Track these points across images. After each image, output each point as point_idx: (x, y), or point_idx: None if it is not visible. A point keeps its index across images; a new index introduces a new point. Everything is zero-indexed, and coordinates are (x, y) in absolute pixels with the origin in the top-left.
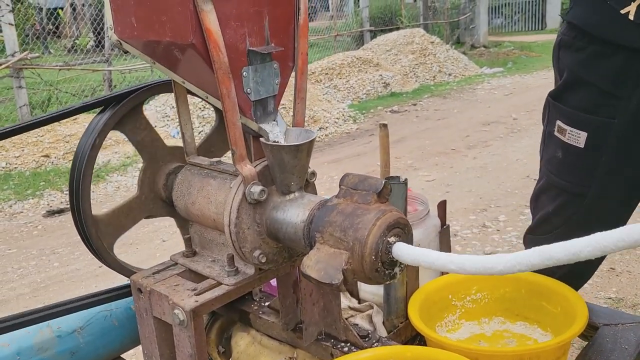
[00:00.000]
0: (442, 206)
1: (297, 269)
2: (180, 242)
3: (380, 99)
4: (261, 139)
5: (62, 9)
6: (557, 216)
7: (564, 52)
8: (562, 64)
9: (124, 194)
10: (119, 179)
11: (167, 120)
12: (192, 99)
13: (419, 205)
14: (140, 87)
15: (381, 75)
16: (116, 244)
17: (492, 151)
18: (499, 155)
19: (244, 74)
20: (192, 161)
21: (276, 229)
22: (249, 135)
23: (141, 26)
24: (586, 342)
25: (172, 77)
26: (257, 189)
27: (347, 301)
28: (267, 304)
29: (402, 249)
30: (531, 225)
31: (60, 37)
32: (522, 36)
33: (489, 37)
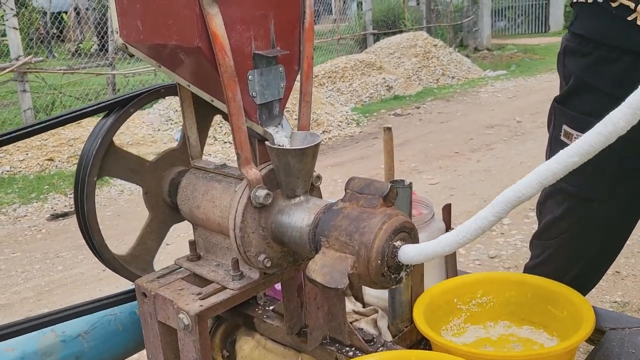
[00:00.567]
0: (447, 209)
1: (302, 273)
2: (184, 246)
3: (383, 102)
4: (266, 142)
5: (66, 13)
6: (563, 221)
7: (569, 58)
8: (567, 70)
9: (127, 198)
10: (122, 183)
11: (171, 123)
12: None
13: (423, 208)
14: (144, 90)
15: (384, 78)
16: (120, 248)
17: (496, 154)
18: (503, 158)
19: (250, 77)
20: (197, 165)
21: (281, 233)
22: (254, 138)
23: (147, 30)
24: (592, 347)
25: (177, 81)
26: (262, 193)
27: (351, 305)
28: (272, 308)
29: (407, 251)
30: (537, 230)
31: (64, 41)
32: (526, 39)
33: (492, 40)
